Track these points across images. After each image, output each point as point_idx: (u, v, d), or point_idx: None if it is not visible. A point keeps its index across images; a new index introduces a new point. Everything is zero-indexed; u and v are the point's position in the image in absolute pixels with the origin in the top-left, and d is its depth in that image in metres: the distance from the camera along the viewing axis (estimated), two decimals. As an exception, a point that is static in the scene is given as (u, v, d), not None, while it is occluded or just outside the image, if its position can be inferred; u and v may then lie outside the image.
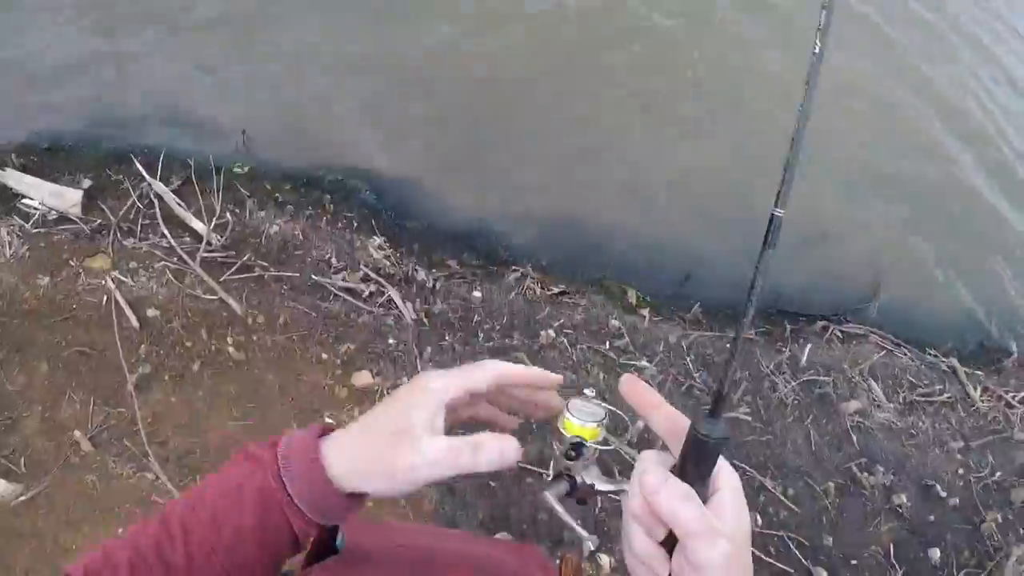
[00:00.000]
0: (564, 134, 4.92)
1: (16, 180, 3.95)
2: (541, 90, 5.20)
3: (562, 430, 0.93)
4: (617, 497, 0.86)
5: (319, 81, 4.91)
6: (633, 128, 5.27)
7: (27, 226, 3.80)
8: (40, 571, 3.13)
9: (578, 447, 0.90)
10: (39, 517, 3.21)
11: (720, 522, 0.76)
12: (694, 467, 0.78)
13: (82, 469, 3.30)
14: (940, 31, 7.09)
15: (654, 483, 0.76)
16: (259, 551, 0.87)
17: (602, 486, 0.90)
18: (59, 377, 3.48)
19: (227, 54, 4.90)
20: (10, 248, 3.71)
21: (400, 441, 0.83)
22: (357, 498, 0.88)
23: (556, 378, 0.98)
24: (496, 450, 0.85)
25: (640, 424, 0.96)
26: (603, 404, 0.97)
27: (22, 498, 3.22)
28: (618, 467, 0.97)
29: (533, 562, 1.30)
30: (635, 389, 0.91)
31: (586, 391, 0.96)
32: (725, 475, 0.80)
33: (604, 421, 0.94)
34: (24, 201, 3.91)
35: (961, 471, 4.31)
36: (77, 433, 3.30)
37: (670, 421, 0.86)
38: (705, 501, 0.78)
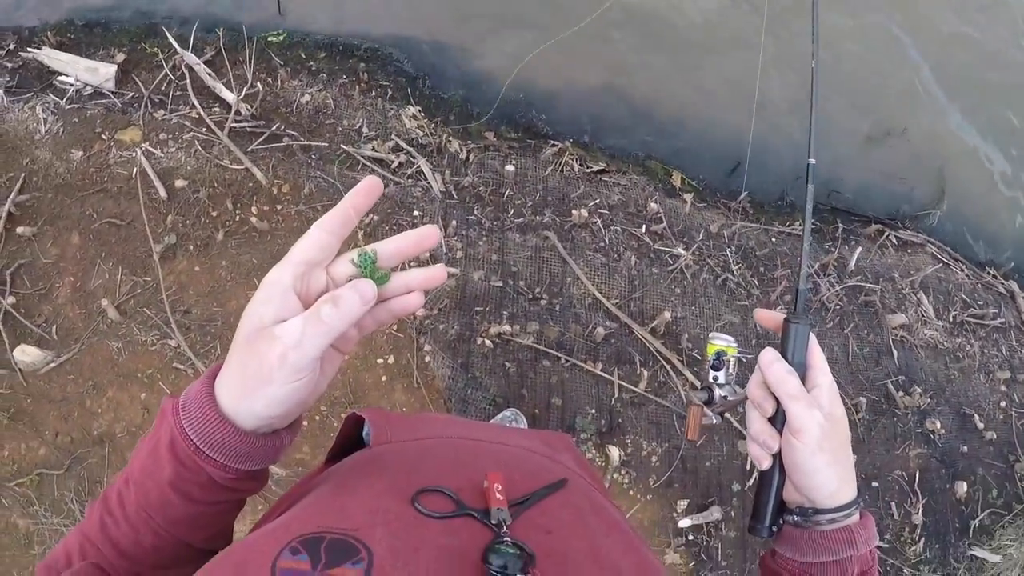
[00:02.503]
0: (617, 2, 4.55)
1: (52, 58, 3.94)
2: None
3: (708, 353, 1.16)
4: (742, 405, 1.08)
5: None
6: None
7: (62, 103, 3.80)
8: (68, 433, 3.23)
9: (720, 356, 1.14)
10: (68, 383, 3.29)
11: (818, 402, 0.98)
12: (791, 350, 1.02)
13: (109, 336, 3.35)
14: None
15: (771, 356, 1.01)
16: (186, 502, 0.84)
17: (732, 397, 1.13)
18: (90, 248, 3.51)
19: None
20: (45, 125, 3.73)
21: (259, 341, 0.76)
22: (273, 436, 0.84)
23: (372, 189, 0.86)
24: (352, 294, 0.78)
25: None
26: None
27: (52, 365, 3.30)
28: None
29: (561, 445, 1.30)
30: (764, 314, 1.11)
31: (718, 333, 1.17)
32: (822, 372, 1.01)
33: (735, 344, 1.16)
34: (60, 78, 3.90)
35: (1004, 404, 4.05)
36: (105, 302, 3.32)
37: (774, 320, 1.08)
38: None
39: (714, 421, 1.16)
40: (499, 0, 4.54)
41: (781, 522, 1.04)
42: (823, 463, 0.95)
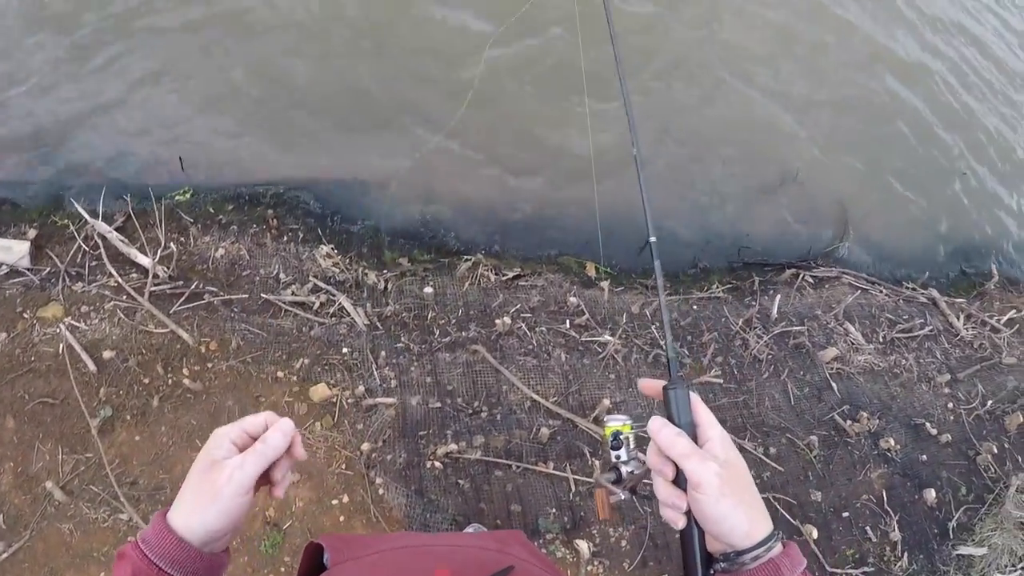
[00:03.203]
0: (504, 112, 4.85)
1: (-37, 242, 3.99)
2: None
3: (606, 435, 1.24)
4: (649, 479, 1.17)
5: (245, 100, 4.88)
6: (570, 98, 5.15)
7: (-22, 286, 3.85)
8: (31, 625, 3.23)
9: (616, 436, 1.22)
10: (23, 572, 3.28)
11: (711, 454, 1.06)
12: (676, 414, 1.12)
13: (59, 519, 3.36)
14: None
15: (658, 424, 1.10)
16: None
17: (638, 470, 1.20)
18: (26, 431, 3.53)
19: (153, 85, 4.86)
20: (-36, 310, 3.77)
21: (212, 470, 1.06)
22: (214, 557, 1.07)
23: (297, 453, 1.19)
24: (276, 432, 1.13)
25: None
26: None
27: (4, 555, 3.30)
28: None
29: (512, 540, 1.52)
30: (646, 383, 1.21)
31: (611, 415, 1.25)
32: (710, 425, 1.11)
33: (630, 421, 1.24)
34: (-27, 261, 3.95)
35: (951, 405, 4.26)
36: (49, 484, 3.35)
37: (655, 389, 1.18)
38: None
39: (622, 497, 1.21)
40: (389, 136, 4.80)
41: (712, 572, 1.10)
42: (729, 508, 1.03)
